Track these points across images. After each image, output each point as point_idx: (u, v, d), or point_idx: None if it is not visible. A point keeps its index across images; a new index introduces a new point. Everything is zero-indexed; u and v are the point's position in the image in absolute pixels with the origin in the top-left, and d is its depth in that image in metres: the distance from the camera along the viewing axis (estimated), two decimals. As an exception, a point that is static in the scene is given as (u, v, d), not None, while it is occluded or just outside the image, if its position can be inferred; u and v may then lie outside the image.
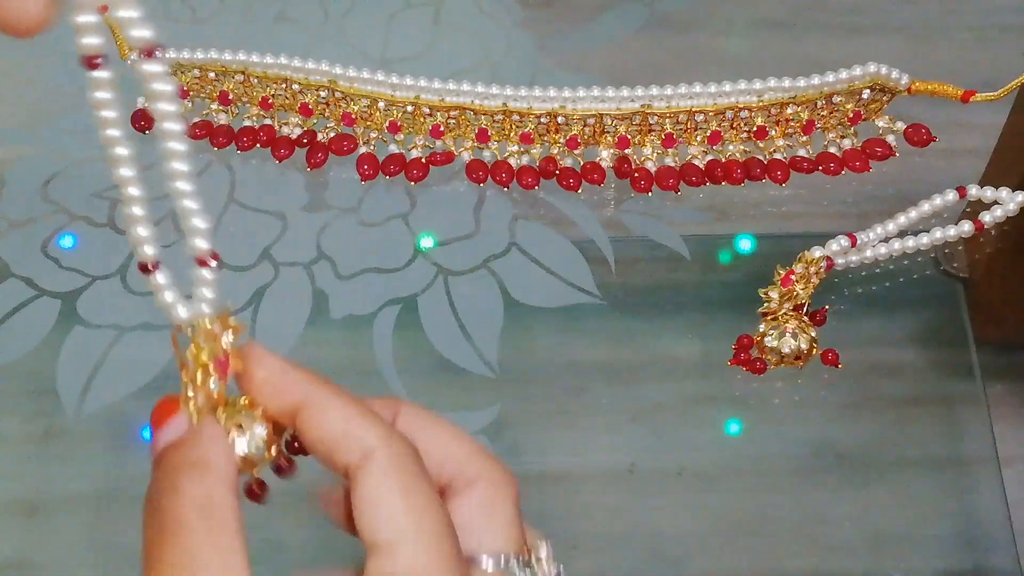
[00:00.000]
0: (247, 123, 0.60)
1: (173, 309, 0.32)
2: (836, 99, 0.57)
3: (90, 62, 0.30)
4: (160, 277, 0.33)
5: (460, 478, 0.31)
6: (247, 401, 0.30)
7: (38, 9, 0.26)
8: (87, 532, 0.50)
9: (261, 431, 0.30)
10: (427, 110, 0.58)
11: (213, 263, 0.32)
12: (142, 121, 0.60)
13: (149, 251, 0.33)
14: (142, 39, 0.30)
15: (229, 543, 0.27)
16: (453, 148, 0.59)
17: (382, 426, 0.29)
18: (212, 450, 0.29)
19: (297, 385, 0.30)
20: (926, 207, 0.57)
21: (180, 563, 0.26)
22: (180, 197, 0.32)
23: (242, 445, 0.30)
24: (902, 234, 0.56)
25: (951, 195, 0.57)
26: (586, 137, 0.58)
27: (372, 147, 0.59)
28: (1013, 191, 0.56)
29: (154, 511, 0.28)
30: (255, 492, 0.31)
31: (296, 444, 0.31)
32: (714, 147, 0.59)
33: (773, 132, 0.59)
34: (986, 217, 0.56)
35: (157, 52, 0.30)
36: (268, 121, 0.60)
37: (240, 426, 0.30)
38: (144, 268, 0.32)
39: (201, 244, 0.33)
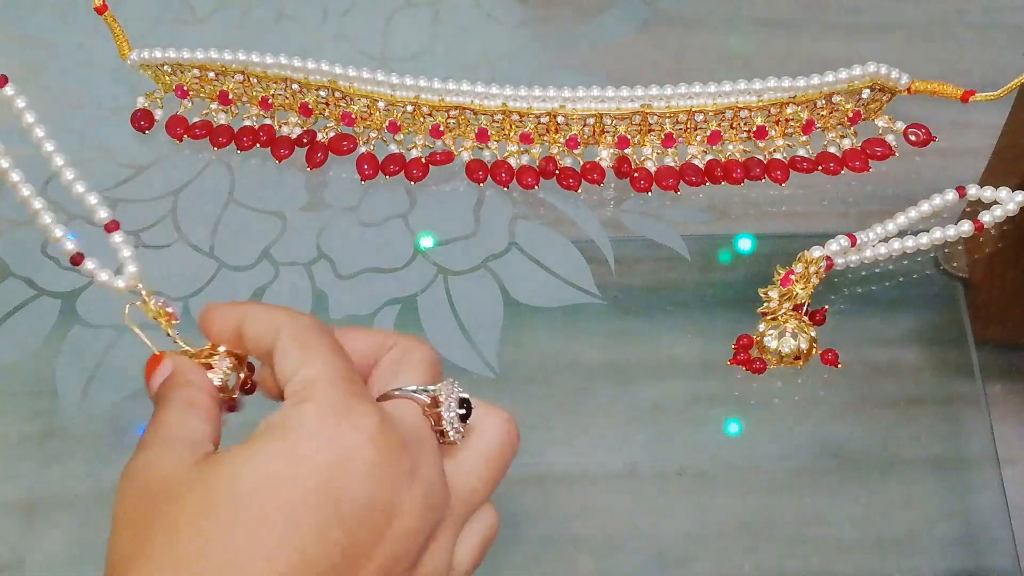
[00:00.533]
0: (247, 123, 0.60)
1: (111, 284, 0.41)
2: (836, 99, 0.57)
3: None
4: (90, 264, 0.41)
5: (381, 349, 0.39)
6: (211, 346, 0.40)
7: None
8: (86, 532, 0.50)
9: (225, 363, 0.40)
10: (427, 110, 0.58)
11: (118, 228, 0.42)
12: (142, 121, 0.60)
13: (71, 247, 0.40)
14: None
15: (200, 418, 0.37)
16: (453, 148, 0.59)
17: (290, 312, 0.38)
18: (189, 373, 0.39)
19: (233, 312, 0.39)
20: (926, 207, 0.57)
21: (165, 423, 0.37)
22: (71, 185, 0.41)
23: (215, 378, 0.39)
24: (902, 234, 0.56)
25: (951, 195, 0.57)
26: (586, 137, 0.58)
27: (372, 147, 0.59)
28: (1013, 191, 0.56)
29: (152, 413, 0.38)
30: (232, 406, 0.41)
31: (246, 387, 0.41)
32: (714, 147, 0.59)
33: (773, 132, 0.59)
34: (986, 217, 0.56)
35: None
36: (268, 121, 0.60)
37: (210, 366, 0.40)
38: (75, 260, 0.41)
39: (102, 214, 0.41)
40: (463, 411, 0.37)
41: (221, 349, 0.40)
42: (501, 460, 0.39)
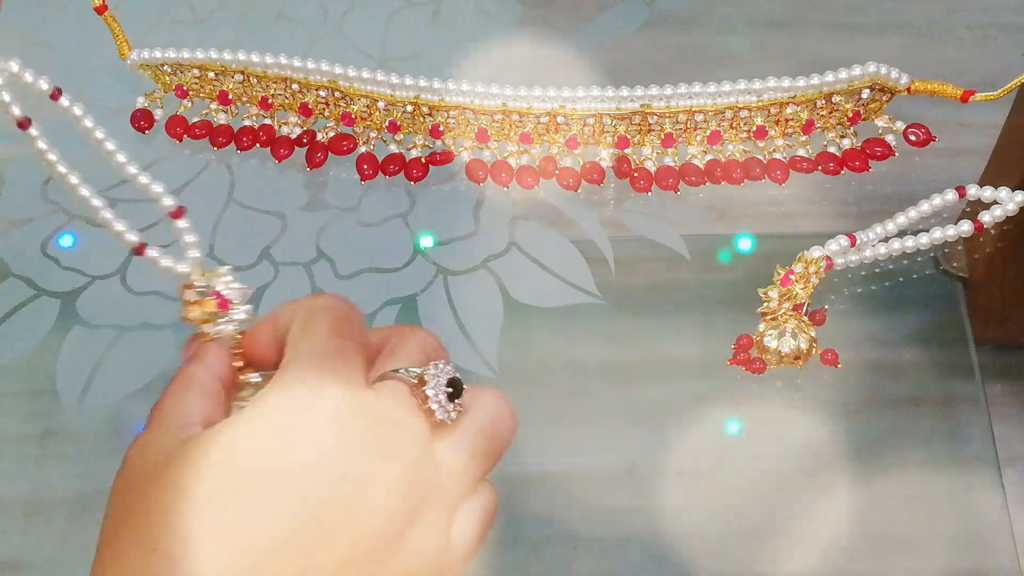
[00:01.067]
0: (247, 123, 0.60)
1: (174, 268, 0.42)
2: (836, 99, 0.57)
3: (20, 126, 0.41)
4: (153, 251, 0.42)
5: (387, 341, 0.40)
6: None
7: None
8: (85, 532, 0.50)
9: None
10: (426, 110, 0.58)
11: (184, 214, 0.43)
12: (142, 121, 0.60)
13: (133, 237, 0.42)
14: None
15: (196, 397, 0.37)
16: (453, 148, 0.59)
17: (319, 295, 0.39)
18: (204, 352, 0.39)
19: (267, 318, 0.39)
20: (926, 207, 0.57)
21: (161, 405, 0.37)
22: (135, 179, 0.42)
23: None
24: (902, 234, 0.56)
25: (951, 195, 0.57)
26: (586, 137, 0.58)
27: (372, 147, 0.59)
28: (1012, 191, 0.56)
29: None
30: None
31: None
32: (714, 147, 0.59)
33: (773, 132, 0.59)
34: (985, 217, 0.56)
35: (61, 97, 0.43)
36: (268, 121, 0.60)
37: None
38: (138, 251, 0.42)
39: (167, 202, 0.42)
40: (450, 390, 0.37)
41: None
42: (494, 436, 0.38)
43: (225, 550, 0.32)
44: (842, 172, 0.58)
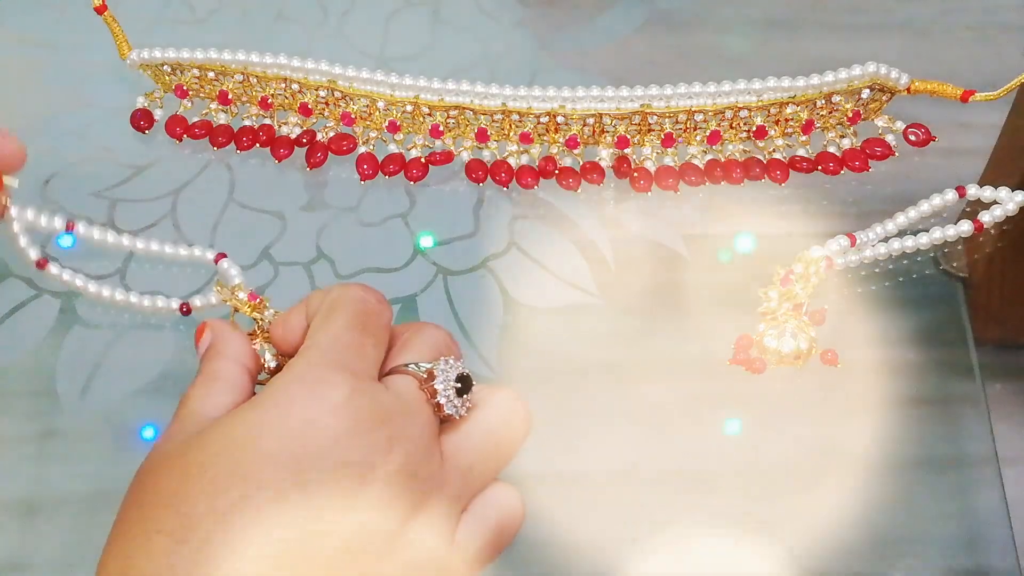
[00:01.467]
0: (247, 123, 0.60)
1: (222, 295, 0.50)
2: (836, 99, 0.57)
3: (38, 266, 0.52)
4: (197, 302, 0.52)
5: (400, 336, 0.41)
6: (266, 335, 0.44)
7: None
8: (86, 532, 0.50)
9: (265, 346, 0.44)
10: (426, 110, 0.58)
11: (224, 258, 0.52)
12: (142, 121, 0.60)
13: (175, 305, 0.53)
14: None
15: (219, 390, 0.39)
16: (452, 148, 0.59)
17: (347, 285, 0.40)
18: (222, 344, 0.41)
19: (298, 305, 0.41)
20: (925, 207, 0.57)
21: (184, 400, 0.38)
22: (175, 253, 0.53)
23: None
24: (902, 234, 0.56)
25: (950, 195, 0.57)
26: (585, 137, 0.58)
27: (371, 147, 0.59)
28: (1012, 191, 0.56)
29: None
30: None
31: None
32: (714, 147, 0.59)
33: (772, 132, 0.59)
34: (985, 217, 0.56)
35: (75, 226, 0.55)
36: (268, 121, 0.60)
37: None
38: (184, 311, 0.52)
39: (209, 256, 0.53)
40: (459, 385, 0.37)
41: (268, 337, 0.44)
42: (505, 436, 0.38)
43: (226, 536, 0.32)
44: (842, 172, 0.58)
